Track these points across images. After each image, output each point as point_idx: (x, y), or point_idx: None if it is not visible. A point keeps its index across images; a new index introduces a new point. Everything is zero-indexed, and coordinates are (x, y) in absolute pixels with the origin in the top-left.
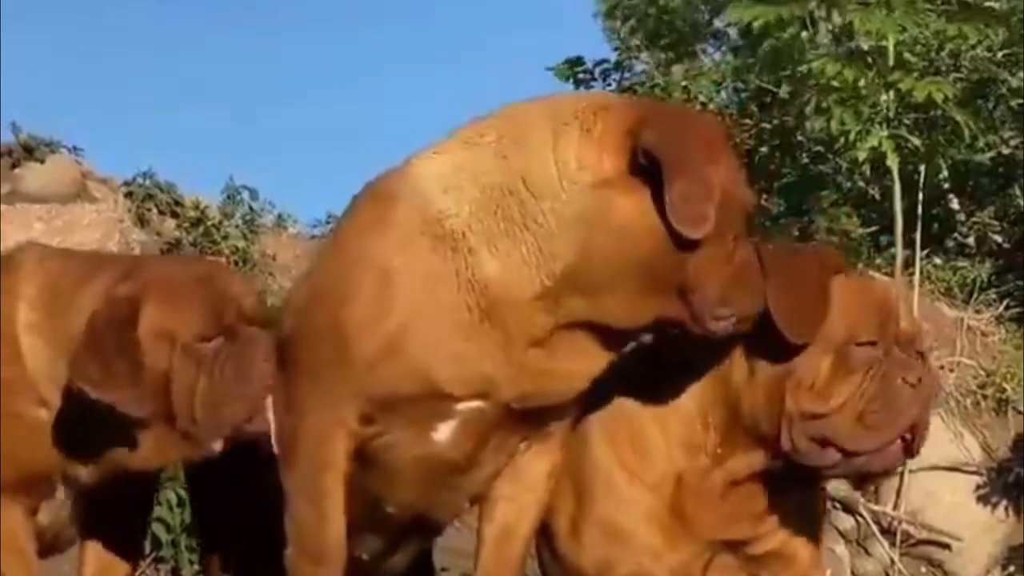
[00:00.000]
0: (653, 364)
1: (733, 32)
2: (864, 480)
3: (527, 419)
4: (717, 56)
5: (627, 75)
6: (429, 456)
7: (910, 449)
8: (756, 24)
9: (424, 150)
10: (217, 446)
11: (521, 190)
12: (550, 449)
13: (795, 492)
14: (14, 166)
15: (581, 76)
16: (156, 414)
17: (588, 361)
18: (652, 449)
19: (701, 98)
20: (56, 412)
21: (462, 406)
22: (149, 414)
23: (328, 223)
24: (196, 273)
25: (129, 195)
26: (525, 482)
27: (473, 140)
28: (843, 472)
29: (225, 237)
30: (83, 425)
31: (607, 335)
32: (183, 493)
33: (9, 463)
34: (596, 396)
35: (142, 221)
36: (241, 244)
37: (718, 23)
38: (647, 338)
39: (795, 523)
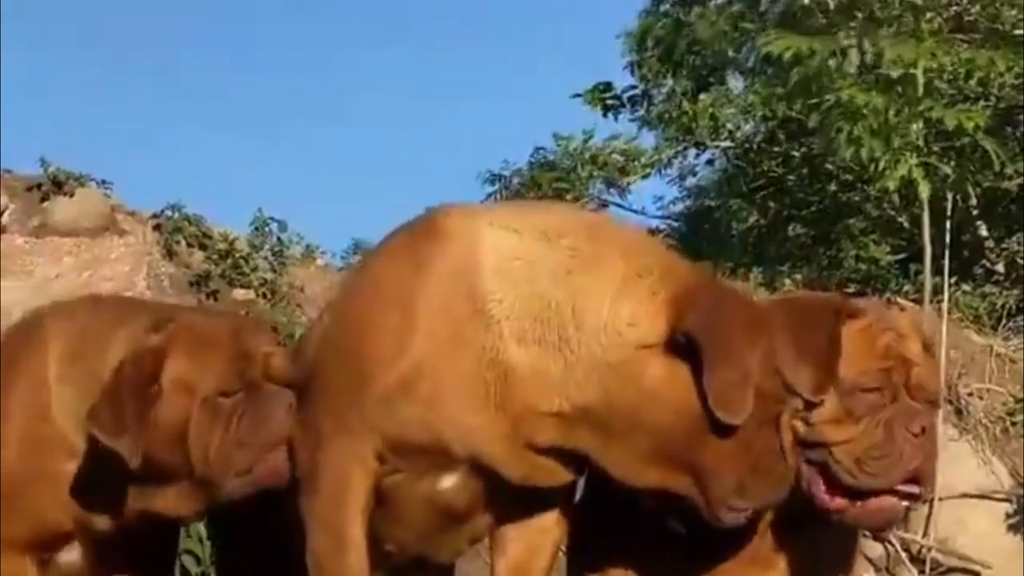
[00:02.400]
0: None
1: (760, 60)
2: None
3: (529, 488)
4: (745, 84)
5: (654, 104)
6: (433, 501)
7: (914, 497)
8: (787, 55)
9: (499, 214)
10: (229, 489)
11: (567, 314)
12: (557, 495)
13: (828, 531)
14: (43, 200)
15: (610, 102)
16: (173, 464)
17: (581, 468)
18: None
19: (729, 126)
20: (82, 460)
21: (465, 463)
22: (159, 463)
23: (356, 253)
24: (224, 328)
25: (157, 228)
26: (537, 525)
27: (550, 235)
28: (844, 519)
29: (254, 269)
30: (105, 474)
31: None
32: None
33: (31, 522)
34: None
35: (171, 254)
36: (270, 276)
37: (747, 54)
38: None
39: (825, 569)
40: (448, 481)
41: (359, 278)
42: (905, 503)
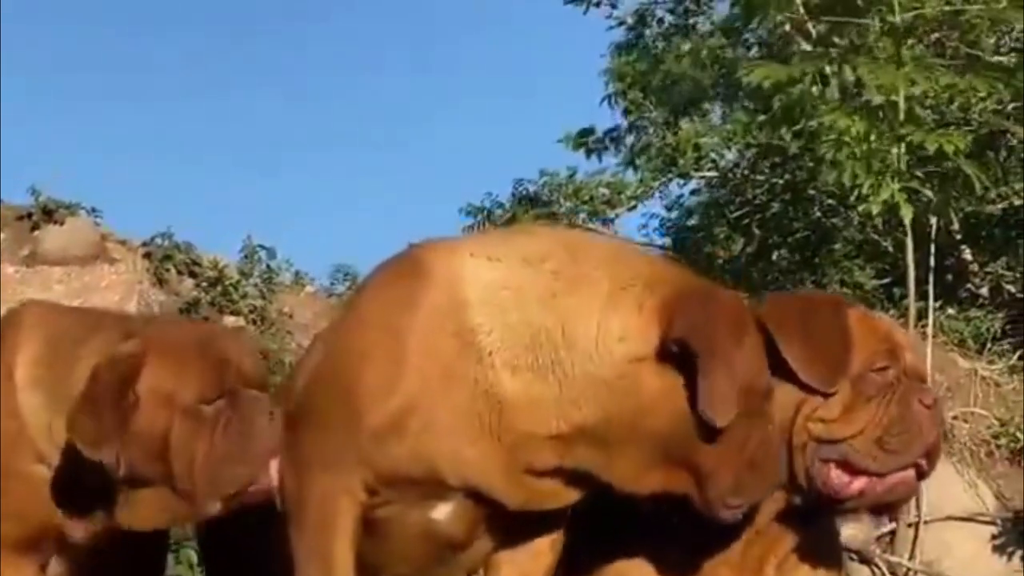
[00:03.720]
0: None
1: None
2: (881, 511)
3: (525, 514)
4: (724, 112)
5: (640, 135)
6: (427, 531)
7: (924, 473)
8: (767, 84)
9: (476, 244)
10: (215, 507)
11: (558, 337)
12: (554, 519)
13: (814, 531)
14: (34, 228)
15: (592, 146)
16: (155, 475)
17: (583, 491)
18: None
19: (712, 155)
20: (55, 469)
21: (461, 493)
22: (140, 474)
23: (346, 280)
24: (196, 335)
25: (147, 256)
26: (531, 549)
27: (532, 261)
28: (863, 503)
29: (243, 296)
30: (83, 483)
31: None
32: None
33: (14, 520)
34: None
35: (160, 281)
36: (259, 303)
37: (728, 83)
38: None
39: (817, 562)
40: (442, 511)
41: (348, 316)
42: (915, 479)
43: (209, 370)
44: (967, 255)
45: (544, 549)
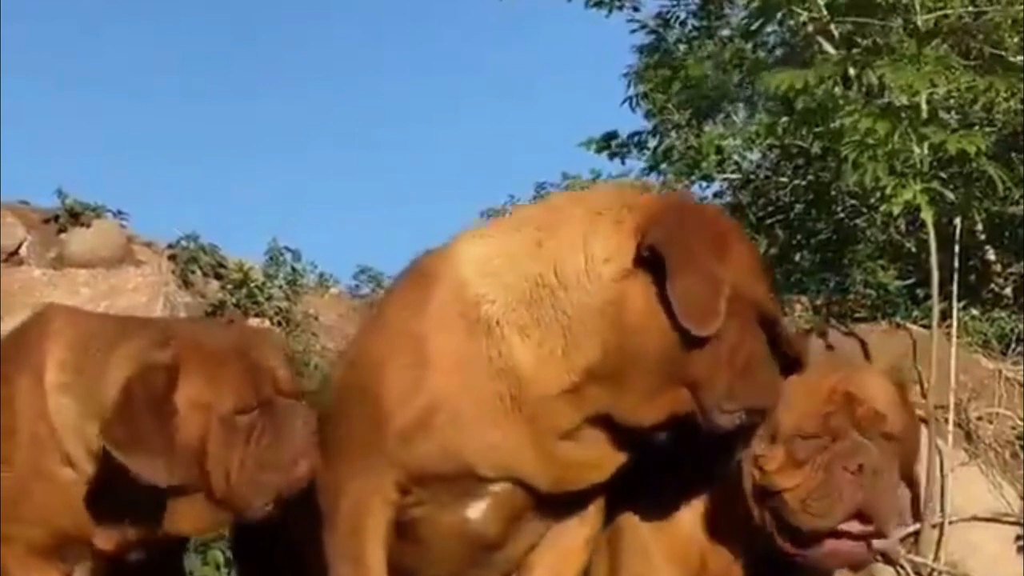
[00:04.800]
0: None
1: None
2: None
3: (559, 500)
4: (747, 114)
5: (664, 140)
6: (462, 532)
7: (871, 536)
8: (782, 89)
9: (470, 232)
10: (255, 513)
11: (552, 280)
12: (587, 518)
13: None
14: (60, 231)
15: (616, 150)
16: (191, 483)
17: (615, 454)
18: (681, 524)
19: (735, 157)
20: (86, 475)
21: (495, 487)
22: (180, 482)
23: (369, 281)
24: (231, 343)
25: (173, 258)
26: (563, 549)
27: (514, 227)
28: (808, 563)
29: (268, 298)
30: (116, 490)
31: (627, 433)
32: (229, 553)
33: (39, 525)
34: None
35: (186, 283)
36: (284, 305)
37: (749, 86)
38: (661, 437)
39: None
40: (477, 509)
41: (368, 326)
42: (860, 546)
43: (246, 379)
44: (991, 256)
45: (576, 549)
